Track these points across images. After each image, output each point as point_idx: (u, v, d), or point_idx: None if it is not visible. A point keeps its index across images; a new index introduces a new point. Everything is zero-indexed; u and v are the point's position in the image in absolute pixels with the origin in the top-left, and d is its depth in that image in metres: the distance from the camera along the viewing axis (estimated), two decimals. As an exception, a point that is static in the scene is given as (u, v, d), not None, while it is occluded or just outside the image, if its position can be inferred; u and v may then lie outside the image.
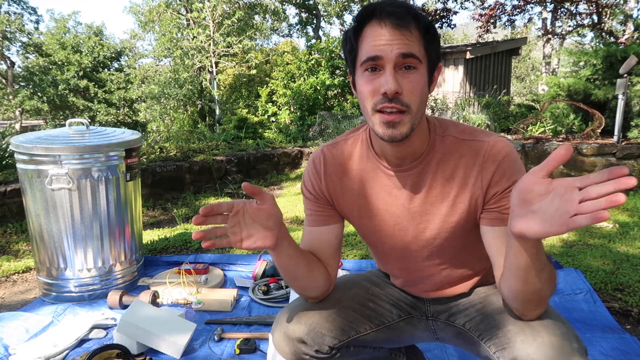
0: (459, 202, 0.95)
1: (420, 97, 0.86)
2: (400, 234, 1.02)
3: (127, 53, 19.18)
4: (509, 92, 11.04)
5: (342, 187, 1.04)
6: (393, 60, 0.83)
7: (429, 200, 0.97)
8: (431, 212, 0.98)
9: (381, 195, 1.01)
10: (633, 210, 3.48)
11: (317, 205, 1.06)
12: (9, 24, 15.50)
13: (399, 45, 0.83)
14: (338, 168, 1.04)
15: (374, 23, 0.85)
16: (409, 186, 0.98)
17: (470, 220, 0.97)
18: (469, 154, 0.93)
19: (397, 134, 0.86)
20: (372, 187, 1.01)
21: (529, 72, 25.42)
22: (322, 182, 1.05)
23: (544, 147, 4.59)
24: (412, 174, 0.97)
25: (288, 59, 9.96)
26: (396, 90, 0.83)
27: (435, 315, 1.11)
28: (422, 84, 0.86)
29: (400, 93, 0.84)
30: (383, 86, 0.84)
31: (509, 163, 0.91)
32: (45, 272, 2.12)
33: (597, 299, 1.98)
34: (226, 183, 4.92)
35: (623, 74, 4.43)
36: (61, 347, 1.64)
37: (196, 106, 12.71)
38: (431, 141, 0.96)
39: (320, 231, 1.06)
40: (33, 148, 1.97)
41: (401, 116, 0.85)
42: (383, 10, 0.84)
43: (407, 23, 0.84)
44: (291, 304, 1.07)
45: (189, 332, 1.67)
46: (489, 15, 10.71)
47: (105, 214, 2.10)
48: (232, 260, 2.54)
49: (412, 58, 0.84)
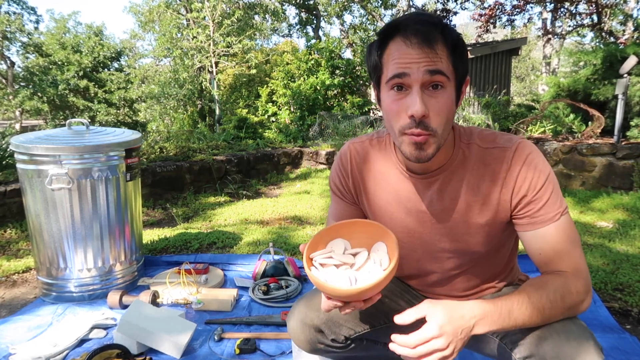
0: (484, 211, 0.95)
1: (447, 118, 0.86)
2: (419, 240, 1.03)
3: (127, 53, 19.19)
4: (509, 92, 11.04)
5: (364, 186, 1.06)
6: (420, 79, 0.82)
7: (451, 208, 0.97)
8: (452, 220, 0.98)
9: (402, 199, 1.01)
10: (633, 209, 3.48)
11: (342, 201, 1.10)
12: (8, 24, 15.50)
13: (426, 63, 0.81)
14: (363, 167, 1.05)
15: (399, 40, 0.83)
16: (431, 193, 0.98)
17: (494, 229, 0.98)
18: (492, 162, 0.93)
19: (424, 156, 0.86)
20: (394, 191, 1.02)
21: (529, 72, 25.42)
22: (349, 179, 1.07)
23: (543, 147, 4.59)
24: (435, 180, 0.97)
25: (288, 59, 9.96)
26: (423, 114, 0.82)
27: None
28: (449, 104, 0.85)
29: (427, 116, 0.83)
30: (410, 108, 0.82)
31: (528, 164, 0.91)
32: (45, 272, 2.12)
33: (597, 299, 1.98)
34: (226, 183, 4.92)
35: (623, 74, 4.43)
36: (61, 347, 1.64)
37: (196, 106, 12.71)
38: (455, 150, 0.96)
39: None
40: (33, 148, 1.97)
41: (428, 137, 0.85)
42: (408, 27, 0.82)
43: (434, 39, 0.82)
44: (309, 293, 1.08)
45: (189, 332, 1.67)
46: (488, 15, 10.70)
47: (105, 214, 2.10)
48: (232, 260, 2.54)
49: (440, 75, 0.82)
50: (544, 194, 0.90)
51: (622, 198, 3.79)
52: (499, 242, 1.01)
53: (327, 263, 0.86)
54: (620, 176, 4.16)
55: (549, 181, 0.90)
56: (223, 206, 4.19)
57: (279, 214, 3.74)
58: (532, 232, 0.91)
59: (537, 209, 0.90)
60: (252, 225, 3.45)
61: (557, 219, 0.89)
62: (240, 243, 2.98)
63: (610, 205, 3.63)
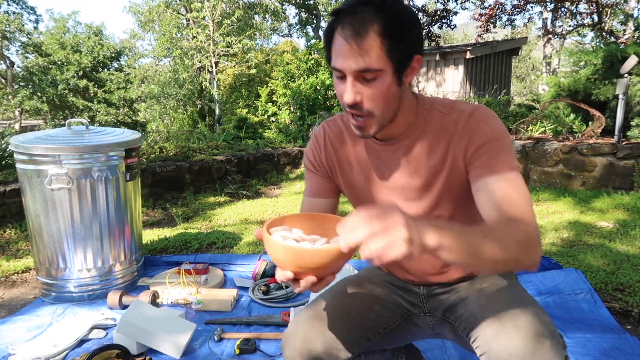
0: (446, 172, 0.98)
1: (384, 100, 0.90)
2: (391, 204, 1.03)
3: (127, 53, 19.19)
4: (509, 92, 11.04)
5: (338, 159, 1.10)
6: (352, 74, 0.87)
7: (417, 171, 1.01)
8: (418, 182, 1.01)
9: (372, 167, 1.06)
10: (633, 209, 3.48)
11: (316, 176, 1.13)
12: (8, 23, 15.50)
13: (354, 61, 0.85)
14: (335, 141, 1.10)
15: (337, 32, 0.87)
16: (397, 158, 1.02)
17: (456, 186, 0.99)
18: (451, 124, 0.97)
19: (366, 134, 0.94)
20: (364, 161, 1.07)
21: (529, 72, 25.42)
22: (322, 153, 1.12)
23: (544, 147, 4.59)
24: (400, 146, 1.01)
25: (288, 59, 9.95)
26: (354, 102, 0.88)
27: (432, 311, 1.11)
28: (384, 89, 0.88)
29: (359, 102, 0.88)
30: (344, 96, 0.89)
31: (483, 122, 0.94)
32: (45, 272, 2.11)
33: (598, 299, 1.97)
34: (226, 183, 4.92)
35: (623, 73, 4.42)
36: (61, 347, 1.64)
37: (196, 106, 12.70)
38: (418, 116, 1.00)
39: (319, 202, 1.12)
40: (33, 148, 1.96)
41: (366, 121, 0.91)
42: (344, 17, 0.86)
43: (364, 34, 0.83)
44: (301, 317, 1.04)
45: (189, 332, 1.67)
46: (489, 15, 10.69)
47: (105, 214, 2.10)
48: (232, 260, 2.54)
49: (369, 72, 0.86)
50: (496, 147, 0.92)
51: (622, 198, 3.78)
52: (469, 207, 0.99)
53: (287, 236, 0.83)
54: (621, 176, 4.16)
55: (502, 139, 0.93)
56: (223, 206, 4.19)
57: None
58: (482, 181, 0.91)
59: (488, 159, 0.92)
60: (252, 225, 3.45)
61: (507, 171, 0.90)
62: (240, 243, 2.98)
63: (610, 206, 3.62)
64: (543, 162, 4.61)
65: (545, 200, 4.01)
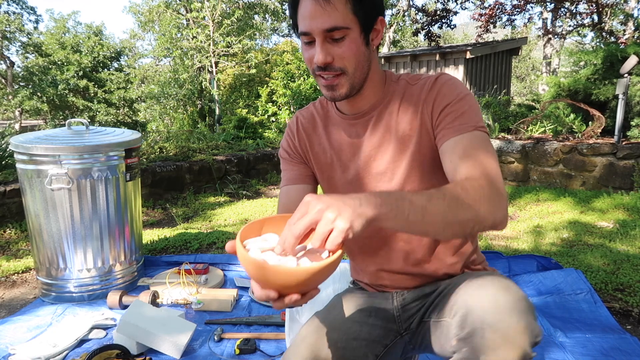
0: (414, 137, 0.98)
1: (356, 59, 0.91)
2: (365, 179, 1.05)
3: (127, 53, 19.20)
4: (509, 92, 11.04)
5: (311, 143, 1.11)
6: (321, 35, 0.88)
7: (388, 139, 1.01)
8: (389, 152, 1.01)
9: (343, 144, 1.06)
10: (633, 209, 3.48)
11: (291, 163, 1.13)
12: (8, 23, 15.51)
13: (322, 20, 0.87)
14: (308, 126, 1.12)
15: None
16: (369, 131, 1.03)
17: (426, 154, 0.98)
18: (417, 92, 0.99)
19: (337, 95, 0.95)
20: (336, 140, 1.07)
21: (529, 72, 25.42)
22: (296, 139, 1.13)
23: (544, 147, 4.59)
24: (369, 118, 1.02)
25: (288, 59, 9.95)
26: (325, 62, 0.90)
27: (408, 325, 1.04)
28: (354, 48, 0.90)
29: (330, 62, 0.90)
30: (315, 58, 0.90)
31: (447, 85, 0.95)
32: (45, 272, 2.11)
33: (598, 299, 1.97)
34: (226, 183, 4.92)
35: (623, 73, 4.43)
36: (61, 347, 1.64)
37: (196, 106, 12.69)
38: (386, 88, 1.02)
39: (296, 189, 1.11)
40: (33, 148, 1.96)
41: (337, 79, 0.93)
42: None
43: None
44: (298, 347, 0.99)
45: (189, 332, 1.67)
46: (489, 15, 10.68)
47: (105, 214, 2.10)
48: (232, 260, 2.53)
49: (337, 31, 0.88)
50: (461, 107, 0.92)
51: (622, 198, 3.78)
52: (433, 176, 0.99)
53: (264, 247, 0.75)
54: (621, 176, 4.16)
55: (466, 99, 0.93)
56: (223, 206, 4.19)
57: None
58: (446, 143, 0.91)
59: (452, 119, 0.92)
60: (252, 225, 3.45)
61: (471, 130, 0.90)
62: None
63: (610, 206, 3.62)
64: (543, 162, 4.61)
65: (545, 200, 4.01)
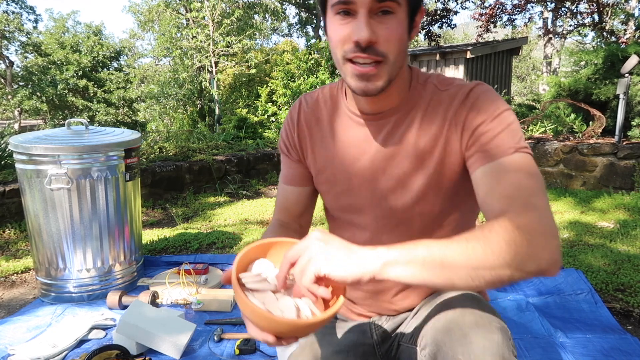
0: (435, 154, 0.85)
1: (399, 46, 0.76)
2: (369, 192, 0.92)
3: (127, 53, 19.19)
4: (510, 92, 11.03)
5: (311, 139, 0.96)
6: (367, 5, 0.72)
7: (403, 152, 0.87)
8: (403, 166, 0.87)
9: (349, 146, 0.91)
10: (634, 209, 3.47)
11: (290, 159, 1.01)
12: (7, 23, 15.50)
13: None
14: (310, 117, 0.97)
15: None
16: (382, 137, 0.88)
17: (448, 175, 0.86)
18: (447, 100, 0.84)
19: (372, 88, 0.77)
20: (340, 139, 0.92)
21: (530, 72, 25.42)
22: (295, 131, 0.98)
23: (544, 147, 4.58)
24: (387, 122, 0.87)
25: (288, 59, 9.94)
26: (370, 40, 0.73)
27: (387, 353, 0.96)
28: (400, 31, 0.75)
29: (375, 42, 0.73)
30: (355, 34, 0.73)
31: (482, 98, 0.81)
32: (44, 272, 2.11)
33: (598, 300, 1.97)
34: (226, 183, 4.91)
35: (624, 73, 4.42)
36: (60, 347, 1.64)
37: (196, 106, 12.69)
38: (411, 90, 0.87)
39: (293, 192, 1.02)
40: (32, 148, 1.96)
41: (377, 68, 0.75)
42: None
43: None
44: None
45: (188, 333, 1.66)
46: (489, 15, 10.68)
47: (104, 214, 2.10)
48: (232, 260, 2.53)
49: (389, 1, 0.73)
50: (497, 126, 0.78)
51: (623, 198, 3.78)
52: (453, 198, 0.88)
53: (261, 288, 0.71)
54: (622, 176, 4.15)
55: (504, 115, 0.79)
56: (223, 206, 4.19)
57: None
58: (480, 169, 0.77)
59: (487, 141, 0.77)
60: (252, 225, 3.45)
61: (511, 152, 0.75)
62: (240, 243, 2.98)
63: (611, 206, 3.62)
64: (543, 162, 4.60)
65: (546, 200, 4.01)
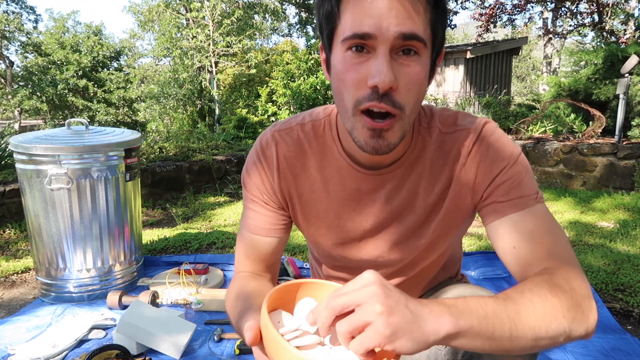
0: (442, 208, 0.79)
1: (418, 96, 0.66)
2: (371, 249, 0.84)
3: (127, 53, 19.19)
4: (510, 92, 11.03)
5: (298, 189, 0.82)
6: (390, 42, 0.61)
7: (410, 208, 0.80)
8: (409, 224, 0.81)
9: (346, 201, 0.80)
10: (634, 209, 3.47)
11: (264, 208, 0.83)
12: (7, 23, 15.50)
13: (399, 21, 0.60)
14: (294, 162, 0.81)
15: None
16: (385, 193, 0.79)
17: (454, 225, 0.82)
18: (453, 147, 0.76)
19: (384, 146, 0.66)
20: (335, 191, 0.80)
21: (530, 72, 25.42)
22: (275, 178, 0.81)
23: (544, 147, 4.58)
24: (390, 178, 0.78)
25: (288, 59, 9.95)
26: (391, 85, 0.61)
27: None
28: (422, 77, 0.65)
29: (394, 89, 0.62)
30: (374, 76, 0.61)
31: (496, 144, 0.75)
32: (45, 272, 2.11)
33: (598, 300, 1.97)
34: (226, 183, 4.91)
35: (624, 73, 4.42)
36: (60, 347, 1.63)
37: (196, 106, 12.69)
38: (415, 137, 0.77)
39: (269, 242, 0.85)
40: (32, 148, 1.96)
41: (391, 122, 0.65)
42: None
43: None
44: None
45: (188, 333, 1.66)
46: (489, 15, 10.70)
47: (104, 214, 2.10)
48: (232, 260, 2.53)
49: (416, 41, 0.62)
50: (513, 176, 0.73)
51: (623, 198, 3.78)
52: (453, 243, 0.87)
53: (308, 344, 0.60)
54: (622, 176, 4.15)
55: (519, 163, 0.74)
56: (223, 206, 4.19)
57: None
58: (502, 221, 0.71)
59: (507, 190, 0.72)
60: (252, 225, 3.44)
61: (534, 203, 0.71)
62: (240, 243, 2.97)
63: (611, 206, 3.62)
64: (543, 162, 4.60)
65: (546, 200, 3.99)
